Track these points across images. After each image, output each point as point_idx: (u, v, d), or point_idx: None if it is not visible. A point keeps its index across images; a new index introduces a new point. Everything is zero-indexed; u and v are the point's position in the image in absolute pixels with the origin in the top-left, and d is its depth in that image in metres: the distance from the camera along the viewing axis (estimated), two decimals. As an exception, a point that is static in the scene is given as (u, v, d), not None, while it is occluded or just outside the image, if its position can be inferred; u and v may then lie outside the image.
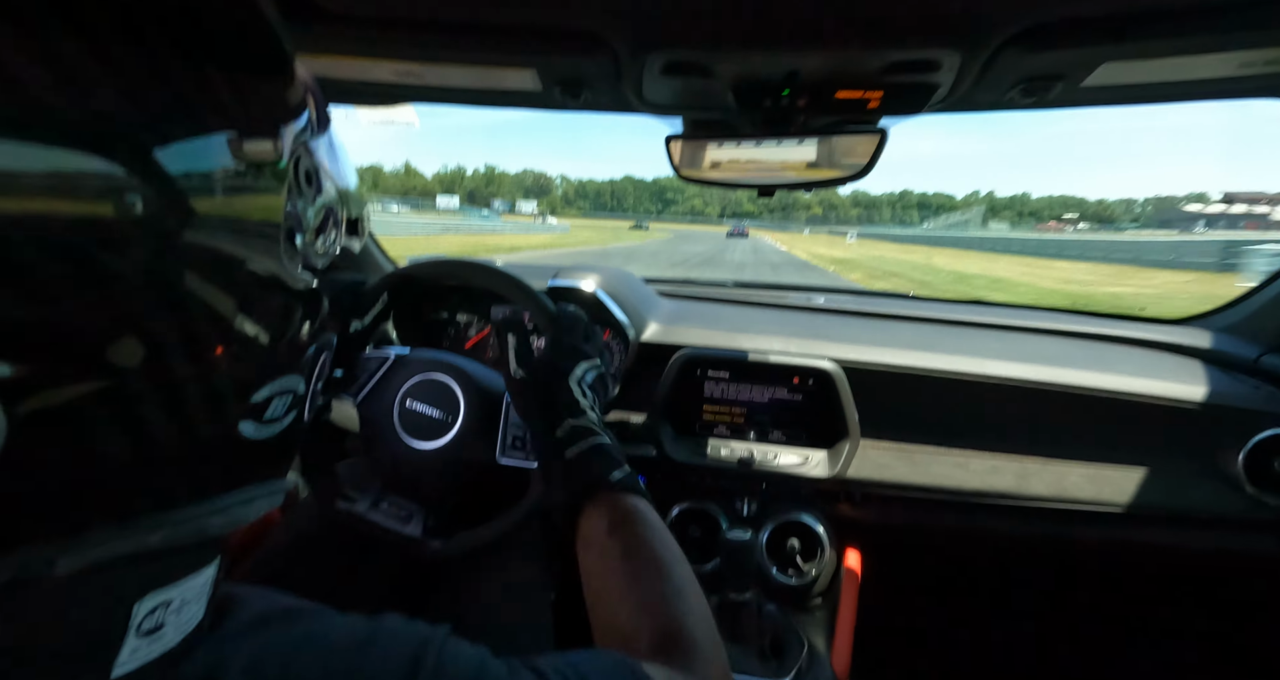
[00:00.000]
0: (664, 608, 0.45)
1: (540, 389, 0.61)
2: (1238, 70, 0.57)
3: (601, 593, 0.48)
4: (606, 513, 0.51)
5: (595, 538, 0.50)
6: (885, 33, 0.58)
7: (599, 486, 0.52)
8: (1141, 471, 0.95)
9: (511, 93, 0.85)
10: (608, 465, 0.54)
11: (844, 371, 0.99)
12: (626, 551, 0.48)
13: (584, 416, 0.57)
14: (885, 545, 1.10)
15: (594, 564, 0.49)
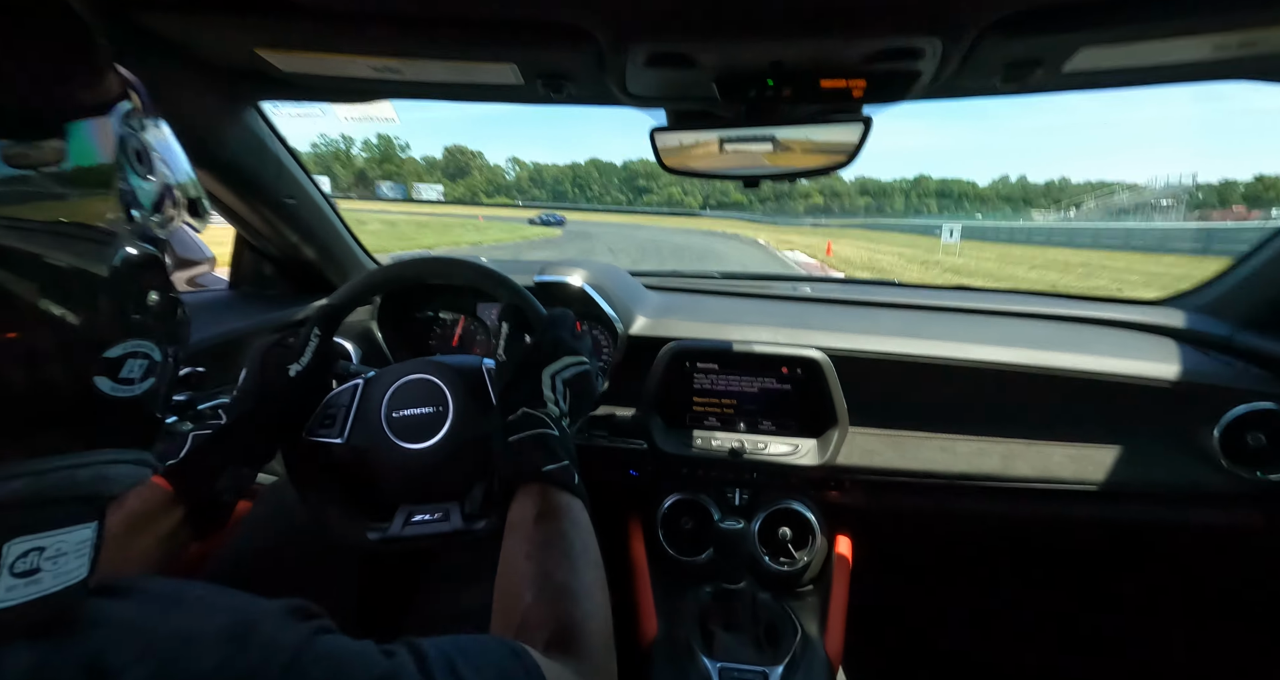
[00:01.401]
0: (567, 605, 0.46)
1: (512, 374, 0.63)
2: (1213, 53, 0.57)
3: (512, 576, 0.49)
4: (535, 502, 0.52)
5: (519, 523, 0.52)
6: (868, 21, 0.58)
7: (531, 475, 0.54)
8: (1121, 450, 0.97)
9: (492, 87, 0.83)
10: (545, 456, 0.54)
11: (831, 360, 1.00)
12: (545, 542, 0.50)
13: (542, 408, 0.58)
14: (875, 530, 1.11)
15: (513, 548, 0.50)
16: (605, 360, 1.17)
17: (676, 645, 0.92)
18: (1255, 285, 1.02)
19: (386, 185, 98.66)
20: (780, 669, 0.86)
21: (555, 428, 0.58)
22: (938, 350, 1.01)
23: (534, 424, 0.57)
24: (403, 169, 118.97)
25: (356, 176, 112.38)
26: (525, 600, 0.47)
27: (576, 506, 0.54)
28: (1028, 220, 64.14)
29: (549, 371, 0.61)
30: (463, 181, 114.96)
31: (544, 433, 0.56)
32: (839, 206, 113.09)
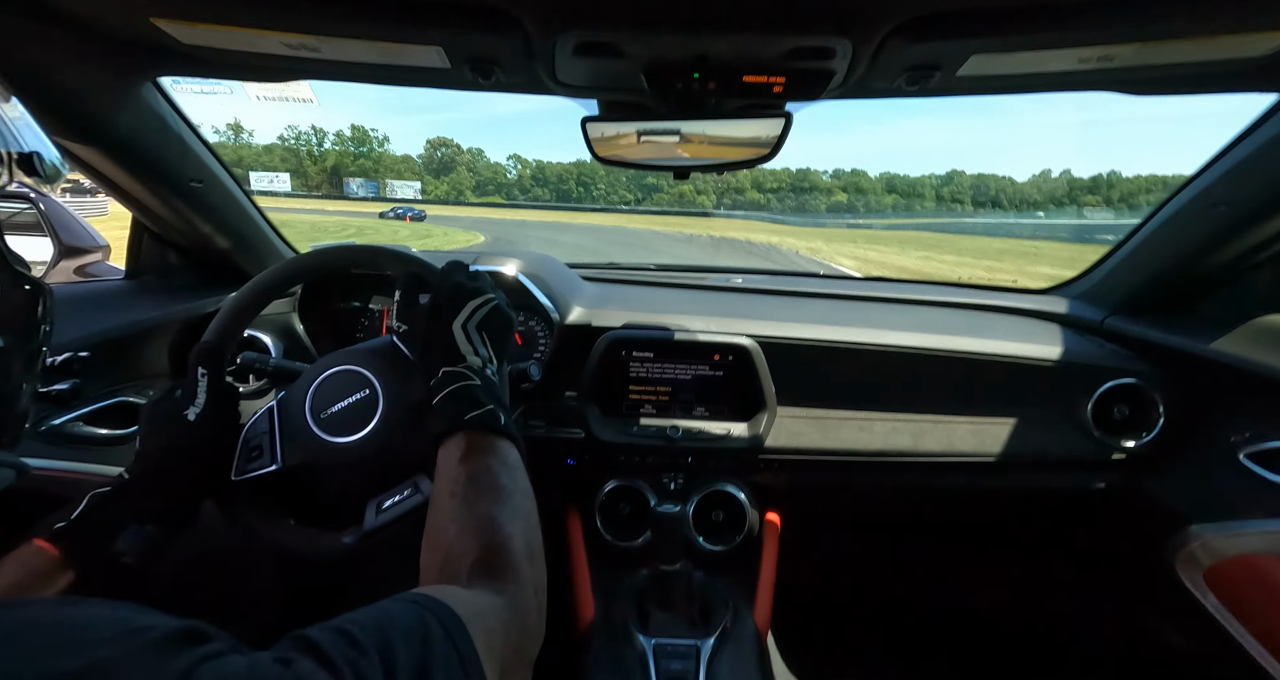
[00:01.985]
0: (490, 531, 0.46)
1: (420, 341, 0.62)
2: (1077, 65, 0.65)
3: (437, 517, 0.48)
4: (457, 449, 0.52)
5: (444, 469, 0.52)
6: (784, 20, 0.61)
7: (453, 428, 0.53)
8: (1014, 424, 1.08)
9: (419, 70, 0.81)
10: (467, 406, 0.54)
11: (760, 347, 1.04)
12: (469, 480, 0.49)
13: (461, 363, 0.58)
14: (801, 507, 1.18)
15: (438, 491, 0.50)
16: (541, 351, 1.17)
17: (613, 626, 0.94)
18: (1119, 276, 1.15)
19: (357, 183, 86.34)
20: (711, 641, 0.89)
21: (478, 377, 0.57)
22: (857, 336, 1.08)
23: (454, 380, 0.56)
24: (380, 164, 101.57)
25: (329, 173, 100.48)
26: (449, 534, 0.46)
27: (504, 446, 0.54)
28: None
29: (457, 324, 0.60)
30: (447, 178, 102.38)
31: (464, 385, 0.55)
32: (864, 204, 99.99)
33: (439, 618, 0.34)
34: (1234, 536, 0.87)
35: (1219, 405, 0.98)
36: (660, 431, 1.06)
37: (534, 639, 0.44)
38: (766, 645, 0.93)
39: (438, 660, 0.32)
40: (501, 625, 0.39)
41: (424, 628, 0.33)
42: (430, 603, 0.35)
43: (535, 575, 0.47)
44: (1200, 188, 0.92)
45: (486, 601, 0.40)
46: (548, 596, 0.49)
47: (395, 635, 0.32)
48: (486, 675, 0.34)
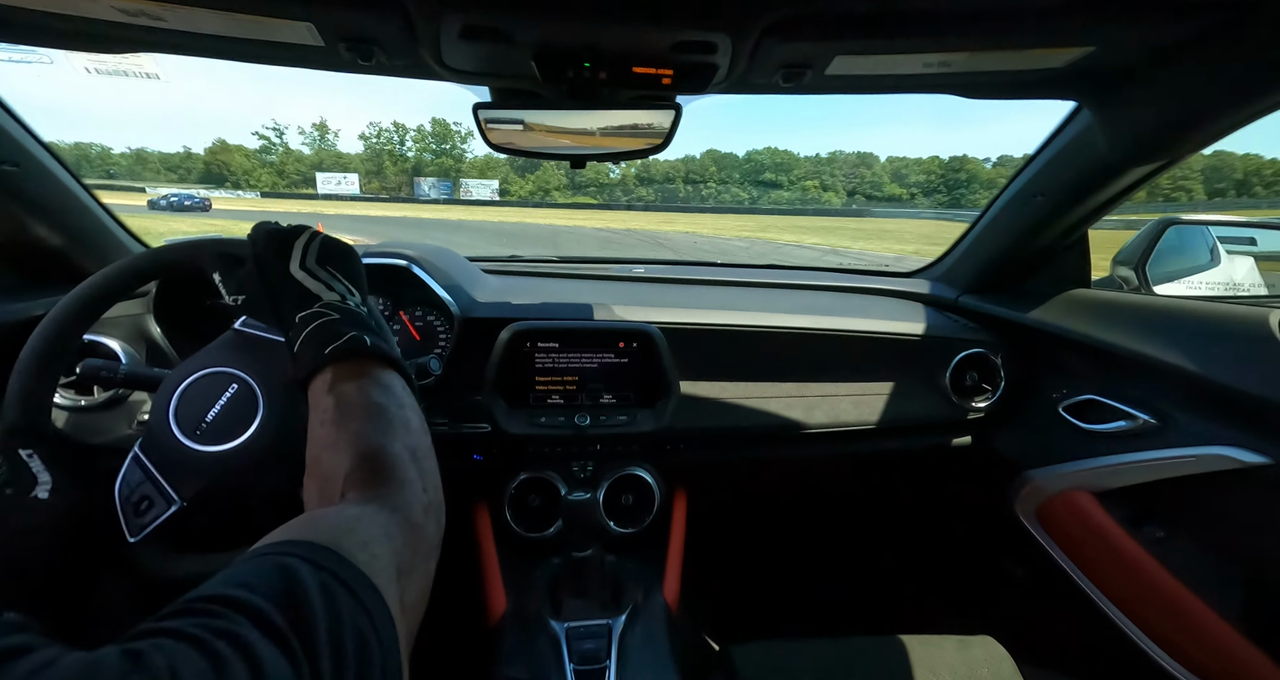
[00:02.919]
0: (363, 441, 0.44)
1: (264, 301, 0.57)
2: (923, 69, 0.73)
3: (312, 452, 0.46)
4: (326, 381, 0.49)
5: (312, 407, 0.49)
6: (667, 14, 0.64)
7: (316, 366, 0.50)
8: (888, 394, 1.20)
9: (288, 47, 0.75)
10: (327, 338, 0.51)
11: (663, 333, 1.08)
12: (337, 405, 0.47)
13: (317, 302, 0.54)
14: (707, 483, 1.24)
15: (311, 432, 0.47)
16: (442, 346, 1.13)
17: (525, 616, 0.94)
18: (967, 260, 1.32)
19: (428, 183, 74.21)
20: (623, 618, 0.92)
21: (337, 312, 0.53)
22: (752, 320, 1.15)
23: (312, 320, 0.52)
24: (461, 163, 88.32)
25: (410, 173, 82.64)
26: (323, 462, 0.44)
27: (375, 369, 0.51)
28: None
29: (294, 267, 0.56)
30: (533, 175, 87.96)
31: (322, 322, 0.52)
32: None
33: (299, 555, 0.31)
34: (1056, 477, 1.03)
35: (1044, 367, 1.15)
36: (568, 421, 1.07)
37: (428, 535, 0.42)
38: (676, 617, 0.97)
39: (314, 591, 0.28)
40: (381, 531, 0.37)
41: (284, 570, 0.29)
42: (284, 547, 0.31)
43: (423, 474, 0.45)
44: (1024, 180, 1.07)
45: (355, 512, 0.38)
46: (457, 592, 0.47)
47: (257, 584, 0.28)
48: (379, 584, 0.32)
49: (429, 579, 0.41)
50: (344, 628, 0.28)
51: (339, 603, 0.29)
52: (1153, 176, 0.92)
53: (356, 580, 0.31)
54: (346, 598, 0.30)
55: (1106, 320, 1.00)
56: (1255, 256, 1.08)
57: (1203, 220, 1.09)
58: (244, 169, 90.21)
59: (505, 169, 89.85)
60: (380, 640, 0.30)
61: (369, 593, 0.31)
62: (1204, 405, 0.85)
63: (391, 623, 0.31)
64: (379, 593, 0.32)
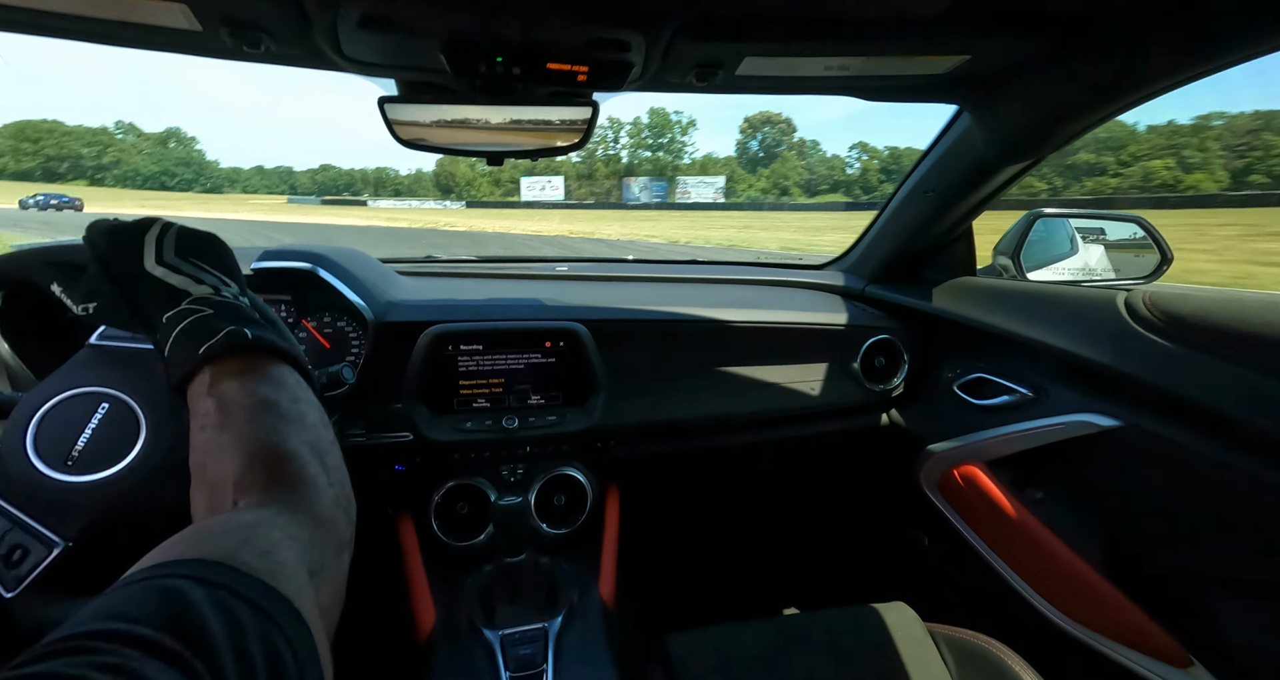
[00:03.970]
0: (254, 441, 0.40)
1: (123, 303, 0.50)
2: (824, 71, 0.78)
3: (195, 455, 0.41)
4: (201, 386, 0.44)
5: (194, 407, 0.44)
6: (580, 10, 0.63)
7: (190, 369, 0.45)
8: (808, 381, 1.26)
9: (157, 31, 0.68)
10: (201, 336, 0.45)
11: (590, 330, 1.08)
12: (218, 408, 0.42)
13: (186, 299, 0.48)
14: (639, 478, 1.25)
15: (192, 439, 0.43)
16: (355, 353, 1.07)
17: (457, 628, 0.92)
18: (872, 252, 1.41)
19: (638, 184, 61.56)
20: (559, 620, 0.91)
21: (208, 306, 0.48)
22: (678, 313, 1.17)
23: (180, 320, 0.47)
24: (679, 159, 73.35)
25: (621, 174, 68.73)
26: (209, 468, 0.40)
27: (260, 363, 0.46)
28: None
29: (149, 263, 0.50)
30: (766, 171, 74.36)
31: (193, 320, 0.47)
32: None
33: (184, 575, 0.27)
34: (953, 450, 1.13)
35: (941, 349, 1.26)
36: (496, 424, 1.04)
37: (338, 531, 0.40)
38: (613, 614, 0.97)
39: (208, 611, 0.25)
40: (283, 534, 0.34)
41: (166, 594, 0.26)
42: (165, 569, 0.28)
43: (327, 468, 0.42)
44: (916, 178, 1.17)
45: (249, 519, 0.34)
46: (383, 610, 0.45)
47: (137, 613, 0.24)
48: (288, 593, 0.30)
49: (343, 576, 0.39)
50: (251, 644, 0.26)
51: (241, 620, 0.26)
52: (1023, 174, 1.03)
53: (260, 593, 0.28)
54: (250, 613, 0.27)
55: (989, 305, 1.10)
56: (1105, 245, 1.23)
57: (1063, 213, 1.23)
58: (466, 179, 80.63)
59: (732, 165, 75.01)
60: (296, 652, 0.28)
61: (277, 604, 0.29)
62: (1070, 378, 0.96)
63: (308, 631, 0.29)
64: (289, 602, 0.29)
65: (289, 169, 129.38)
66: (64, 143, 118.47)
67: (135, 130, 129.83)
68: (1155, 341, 0.79)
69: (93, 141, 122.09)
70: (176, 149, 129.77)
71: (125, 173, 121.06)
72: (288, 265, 1.00)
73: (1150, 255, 1.15)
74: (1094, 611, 0.89)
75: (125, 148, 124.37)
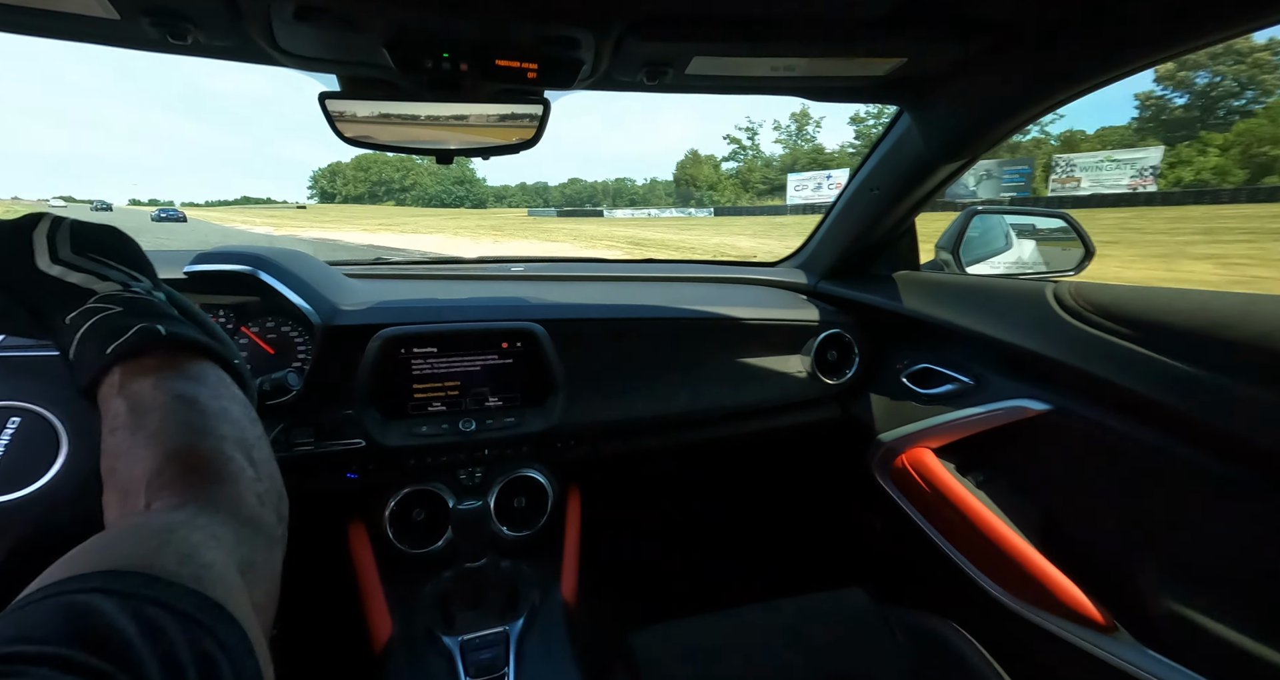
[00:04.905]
0: (174, 436, 0.38)
1: (18, 307, 0.46)
2: (770, 71, 0.80)
3: (106, 464, 0.38)
4: (111, 388, 0.41)
5: (104, 410, 0.41)
6: (529, 6, 0.63)
7: (97, 371, 0.42)
8: (764, 377, 1.29)
9: (70, 19, 0.63)
10: (105, 338, 0.42)
11: (547, 330, 1.07)
12: (130, 409, 0.39)
13: (90, 298, 0.45)
14: (600, 478, 1.25)
15: (103, 445, 0.39)
16: (301, 358, 1.03)
17: (414, 636, 0.90)
18: (822, 249, 1.45)
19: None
20: (520, 623, 0.91)
21: (115, 303, 0.45)
22: (635, 312, 1.18)
23: (84, 319, 0.43)
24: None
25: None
26: (118, 471, 0.37)
27: (182, 361, 0.43)
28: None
29: (43, 263, 0.46)
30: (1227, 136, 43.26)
31: (96, 320, 0.43)
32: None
33: (94, 588, 0.25)
34: (903, 438, 1.17)
35: (889, 342, 1.31)
36: (453, 428, 1.02)
37: (268, 525, 0.38)
38: (575, 614, 0.97)
39: (126, 624, 0.24)
40: (205, 535, 0.32)
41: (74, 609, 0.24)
42: (70, 584, 0.26)
43: (254, 462, 0.40)
44: (863, 176, 1.21)
45: (165, 521, 0.32)
46: (337, 622, 0.43)
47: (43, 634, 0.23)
48: (217, 596, 0.28)
49: (277, 573, 0.37)
50: (179, 652, 0.24)
51: (163, 628, 0.25)
52: (960, 171, 1.08)
53: (185, 599, 0.27)
54: (174, 621, 0.25)
55: (932, 298, 1.15)
56: (1036, 240, 1.31)
57: (997, 209, 1.30)
58: (709, 182, 72.10)
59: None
60: (230, 655, 0.26)
61: (206, 610, 0.27)
62: (1006, 366, 1.01)
63: (242, 632, 0.28)
64: (220, 606, 0.28)
65: (544, 184, 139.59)
66: (382, 170, 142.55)
67: None
68: (1080, 329, 0.84)
69: (400, 167, 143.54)
70: (453, 169, 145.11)
71: (419, 193, 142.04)
72: (225, 268, 0.95)
73: (1075, 249, 1.22)
74: (1032, 586, 0.94)
75: (420, 171, 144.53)
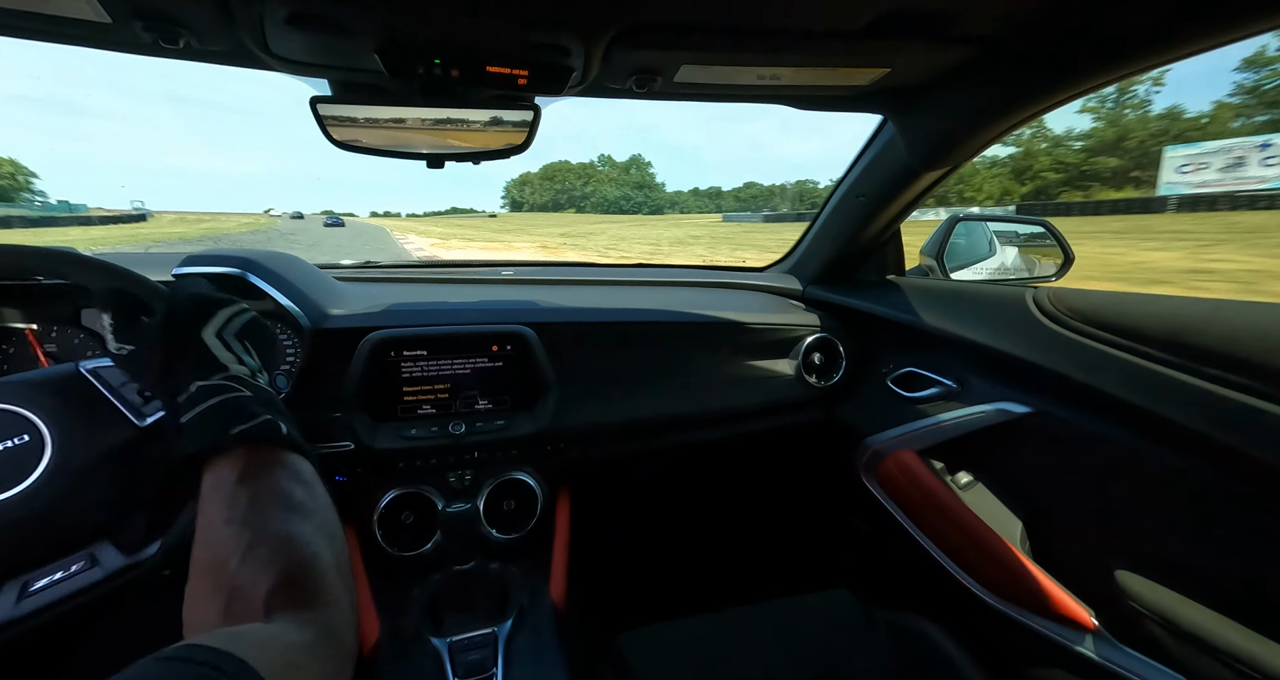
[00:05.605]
0: (291, 547, 0.41)
1: (155, 356, 0.51)
2: (757, 80, 0.81)
3: (212, 551, 0.40)
4: (232, 466, 0.44)
5: (212, 493, 0.44)
6: (517, 14, 0.64)
7: (219, 445, 0.45)
8: (753, 380, 1.30)
9: (67, 24, 0.64)
10: (232, 418, 0.46)
11: (537, 333, 1.08)
12: (252, 501, 0.42)
13: (221, 373, 0.49)
14: (590, 480, 1.25)
15: (208, 520, 0.42)
16: (290, 362, 1.03)
17: (402, 639, 0.90)
18: (809, 254, 1.47)
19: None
20: (509, 624, 0.91)
21: (245, 388, 0.49)
22: (625, 315, 1.19)
23: (214, 393, 0.47)
24: None
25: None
26: (231, 568, 0.39)
27: (293, 459, 0.47)
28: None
29: (209, 332, 0.52)
30: None
31: (229, 397, 0.47)
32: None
33: (228, 674, 0.28)
34: (888, 441, 1.19)
35: (875, 346, 1.33)
36: (442, 430, 1.02)
37: (352, 661, 0.40)
38: (564, 616, 0.98)
39: None
40: (315, 661, 0.35)
41: None
42: (212, 656, 0.28)
43: (348, 588, 0.43)
44: (848, 184, 1.23)
45: (294, 637, 0.35)
46: None
47: None
48: None
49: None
50: None
51: None
52: (944, 179, 1.10)
53: None
54: None
55: (917, 303, 1.17)
56: (1018, 246, 1.34)
57: (980, 216, 1.33)
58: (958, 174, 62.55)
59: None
60: None
61: None
62: (988, 370, 1.03)
63: None
64: None
65: (718, 188, 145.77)
66: (566, 178, 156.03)
67: (610, 161, 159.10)
68: (1059, 333, 0.86)
69: (582, 174, 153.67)
70: (635, 174, 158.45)
71: (598, 200, 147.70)
72: (214, 271, 0.95)
73: (1055, 255, 1.25)
74: (1014, 586, 0.96)
75: (601, 178, 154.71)
